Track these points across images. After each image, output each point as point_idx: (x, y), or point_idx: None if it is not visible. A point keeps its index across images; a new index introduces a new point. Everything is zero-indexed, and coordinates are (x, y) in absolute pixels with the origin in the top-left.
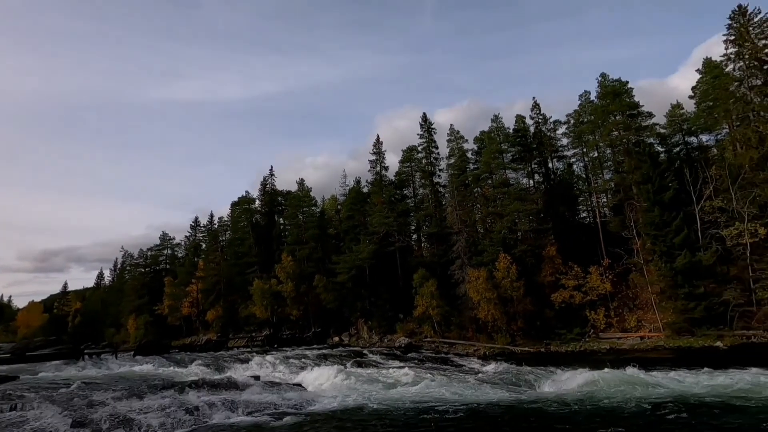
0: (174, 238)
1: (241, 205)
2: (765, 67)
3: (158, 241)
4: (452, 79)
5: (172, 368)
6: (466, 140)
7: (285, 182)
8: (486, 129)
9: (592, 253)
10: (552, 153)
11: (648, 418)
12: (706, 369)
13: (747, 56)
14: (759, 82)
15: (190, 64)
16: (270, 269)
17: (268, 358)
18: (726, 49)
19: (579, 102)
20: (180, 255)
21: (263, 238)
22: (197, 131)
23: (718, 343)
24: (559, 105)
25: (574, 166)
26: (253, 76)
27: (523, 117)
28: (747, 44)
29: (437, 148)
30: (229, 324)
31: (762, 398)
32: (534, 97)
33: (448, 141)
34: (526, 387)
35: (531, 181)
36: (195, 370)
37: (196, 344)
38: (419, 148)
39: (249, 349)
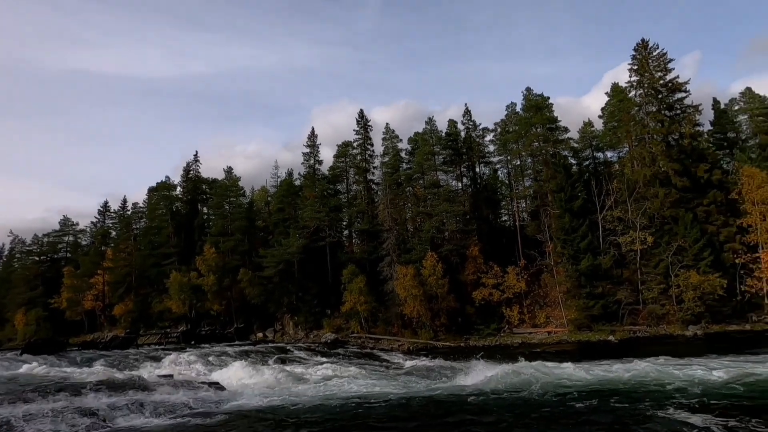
0: (77, 224)
1: (160, 191)
2: (659, 96)
3: (58, 226)
4: (390, 79)
5: (69, 368)
6: (401, 140)
7: (212, 170)
8: (420, 130)
9: (511, 254)
10: (480, 158)
11: (557, 405)
12: (605, 360)
13: (646, 85)
14: (654, 109)
15: (107, 31)
16: (190, 261)
17: (184, 355)
18: (630, 77)
19: (506, 112)
20: (84, 243)
21: (184, 228)
22: (111, 107)
23: (611, 337)
24: (489, 113)
25: (499, 172)
26: (179, 53)
27: (455, 122)
28: (646, 74)
29: (372, 145)
30: (141, 319)
31: (653, 384)
32: (466, 104)
33: (384, 139)
34: (446, 379)
35: (459, 184)
36: (97, 370)
37: (100, 341)
38: (354, 144)
39: (162, 346)
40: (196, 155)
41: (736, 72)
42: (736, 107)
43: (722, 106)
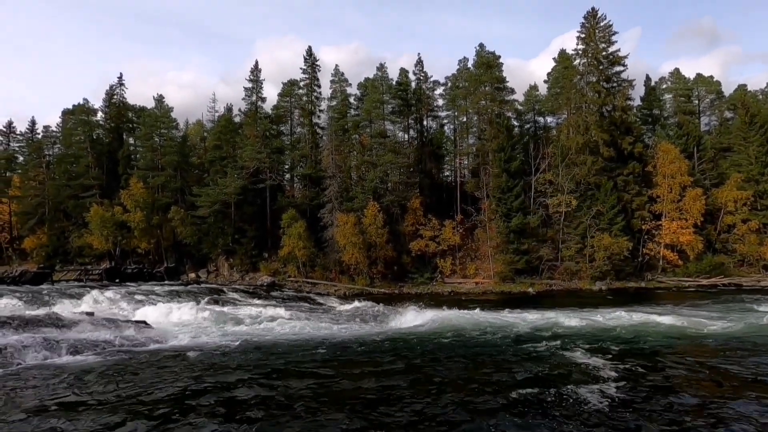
0: None
1: (78, 114)
2: (600, 67)
3: None
4: (343, 18)
5: None
6: (350, 84)
7: (139, 96)
8: (371, 77)
9: (449, 209)
10: (428, 111)
11: (477, 346)
12: (525, 309)
13: (590, 55)
14: (594, 79)
15: None
16: (114, 195)
17: (108, 293)
18: (577, 44)
19: (457, 67)
20: None
21: (107, 159)
22: (12, 11)
23: (530, 289)
24: (440, 67)
25: (446, 128)
26: None
27: (407, 71)
28: (591, 44)
29: (320, 87)
30: (57, 255)
31: (564, 329)
32: (419, 54)
33: (332, 82)
34: (380, 323)
35: (406, 136)
36: (4, 306)
37: (8, 276)
38: (301, 84)
39: (83, 284)
40: (120, 78)
41: (669, 52)
42: (664, 86)
43: (652, 84)
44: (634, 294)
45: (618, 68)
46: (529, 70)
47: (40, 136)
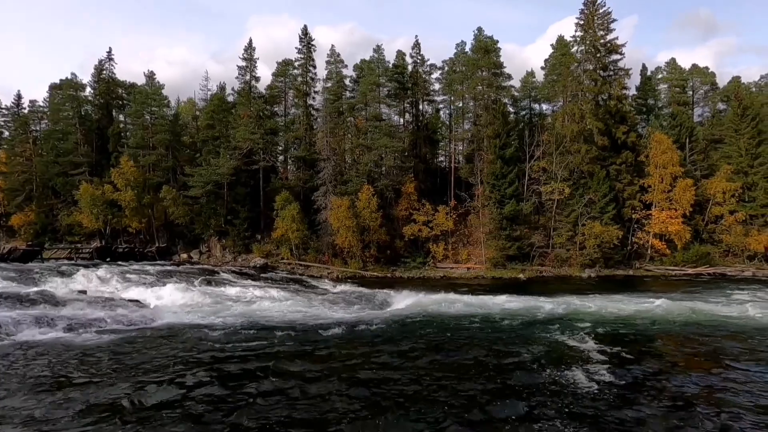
0: None
1: (65, 89)
2: (597, 54)
3: None
4: None
5: None
6: (346, 65)
7: (129, 73)
8: (367, 58)
9: (443, 194)
10: (424, 95)
11: (466, 329)
12: (516, 294)
13: (588, 42)
14: (591, 67)
15: None
16: (104, 173)
17: (99, 272)
18: (575, 31)
19: (455, 51)
20: None
21: (96, 136)
22: None
23: (521, 275)
24: (436, 50)
25: (441, 112)
26: None
27: (404, 54)
28: (590, 31)
29: (315, 67)
30: (46, 232)
31: (556, 314)
32: (416, 36)
33: (327, 63)
34: (373, 305)
35: (402, 120)
36: None
37: None
38: (296, 64)
39: (73, 262)
40: (110, 52)
41: (666, 42)
42: (660, 76)
43: (648, 74)
44: (622, 281)
45: (615, 56)
46: (524, 56)
47: (26, 111)
